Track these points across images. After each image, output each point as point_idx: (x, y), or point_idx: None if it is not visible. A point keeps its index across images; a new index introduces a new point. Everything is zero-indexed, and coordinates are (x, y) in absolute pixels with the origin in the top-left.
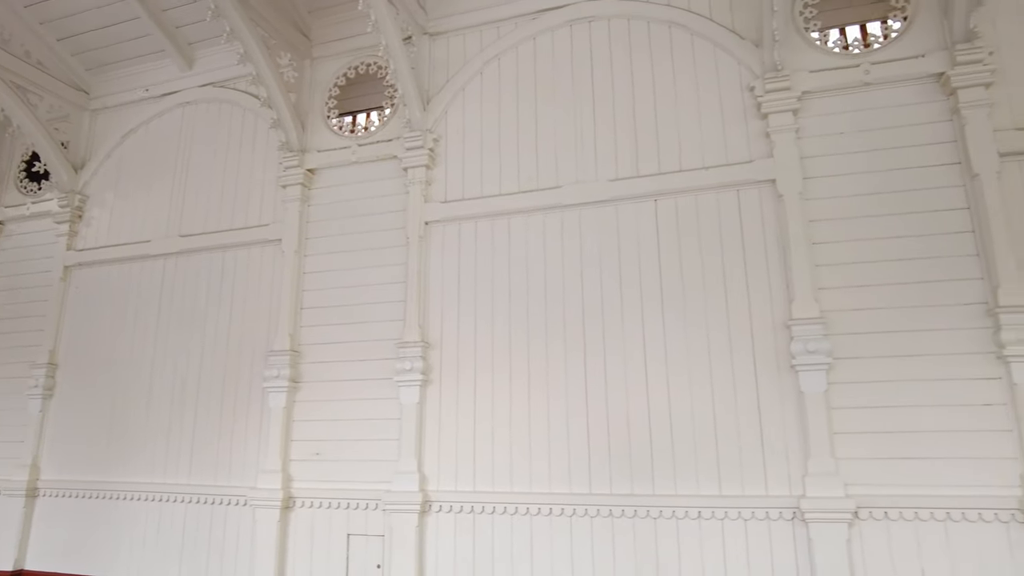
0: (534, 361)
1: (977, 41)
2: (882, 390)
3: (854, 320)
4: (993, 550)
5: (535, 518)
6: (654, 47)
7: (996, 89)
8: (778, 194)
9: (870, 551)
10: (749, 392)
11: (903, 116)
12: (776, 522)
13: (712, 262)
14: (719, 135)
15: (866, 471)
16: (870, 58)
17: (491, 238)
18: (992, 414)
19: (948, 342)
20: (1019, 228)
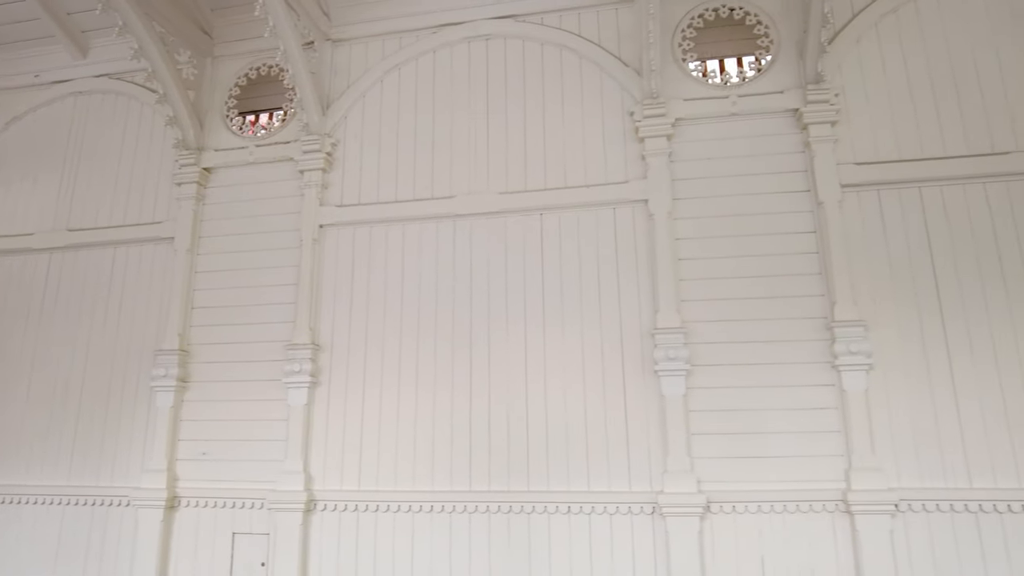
0: (422, 364)
1: (824, 83)
2: (734, 394)
3: (711, 330)
4: (821, 536)
5: (417, 515)
6: (546, 68)
7: (840, 127)
8: (650, 213)
9: (719, 541)
10: (617, 395)
11: (764, 146)
12: (638, 516)
13: (589, 274)
14: (601, 155)
15: (717, 468)
16: (737, 91)
17: (385, 243)
18: (825, 417)
19: (792, 352)
20: (855, 252)
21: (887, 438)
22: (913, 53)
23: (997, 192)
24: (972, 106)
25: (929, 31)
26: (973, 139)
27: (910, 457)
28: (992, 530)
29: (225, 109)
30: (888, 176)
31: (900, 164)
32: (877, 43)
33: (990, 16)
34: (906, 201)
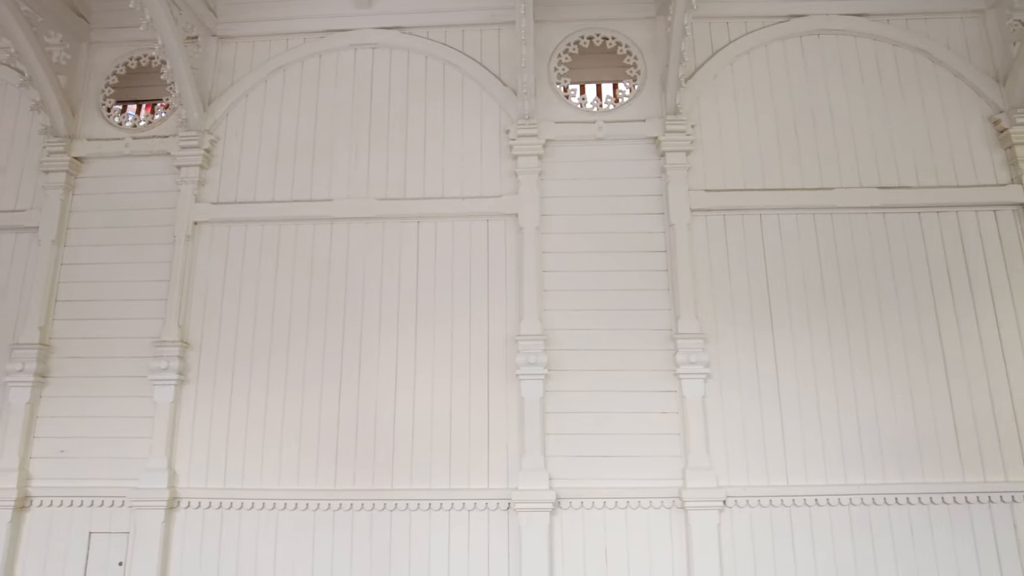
0: (292, 364)
1: (682, 115)
2: (587, 398)
3: (570, 338)
4: (659, 530)
5: (281, 513)
6: (429, 81)
7: (694, 156)
8: (520, 227)
9: (567, 535)
10: (481, 397)
11: (625, 169)
12: (494, 512)
13: (461, 281)
14: (477, 169)
15: (569, 467)
16: (604, 117)
17: (260, 243)
18: (667, 420)
19: (641, 360)
20: (700, 271)
21: (720, 440)
22: (761, 93)
23: (823, 222)
24: (807, 145)
25: (775, 75)
26: (807, 174)
27: (739, 458)
28: (802, 521)
29: (101, 97)
30: (733, 203)
31: (744, 193)
32: (731, 81)
33: (825, 68)
34: (748, 227)
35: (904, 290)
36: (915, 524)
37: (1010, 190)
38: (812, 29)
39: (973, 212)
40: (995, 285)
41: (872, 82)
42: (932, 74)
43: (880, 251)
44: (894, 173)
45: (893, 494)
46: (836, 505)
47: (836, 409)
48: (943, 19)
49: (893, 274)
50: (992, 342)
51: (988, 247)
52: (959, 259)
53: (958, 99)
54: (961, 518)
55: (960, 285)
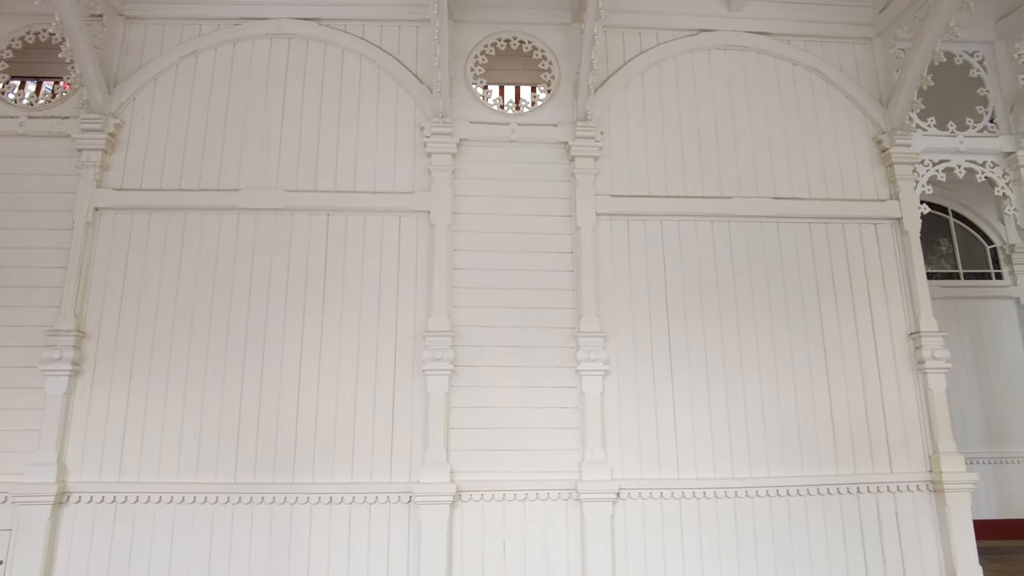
0: (194, 356)
1: (591, 121)
2: (492, 393)
3: (477, 334)
4: (555, 521)
5: (179, 507)
6: (345, 74)
7: (602, 162)
8: (431, 224)
9: (467, 527)
10: (387, 392)
11: (537, 172)
12: (395, 505)
13: (371, 276)
14: (391, 164)
15: (472, 460)
16: (518, 119)
17: (164, 232)
18: (567, 415)
19: (545, 357)
20: (603, 272)
21: (616, 435)
22: (669, 103)
23: (720, 229)
24: (709, 155)
25: (683, 86)
26: (707, 183)
27: (633, 451)
28: (690, 512)
29: None
30: (637, 209)
31: (648, 199)
32: (641, 90)
33: (729, 82)
34: (650, 231)
35: (792, 295)
36: (793, 514)
37: (889, 205)
38: (719, 44)
39: (856, 224)
40: (873, 293)
41: (772, 98)
42: (826, 94)
43: (772, 258)
44: (788, 185)
45: (775, 486)
46: (723, 497)
47: (726, 406)
48: (838, 43)
49: (783, 280)
50: (868, 346)
51: (868, 258)
52: (843, 268)
53: (848, 119)
54: (833, 507)
55: (843, 292)
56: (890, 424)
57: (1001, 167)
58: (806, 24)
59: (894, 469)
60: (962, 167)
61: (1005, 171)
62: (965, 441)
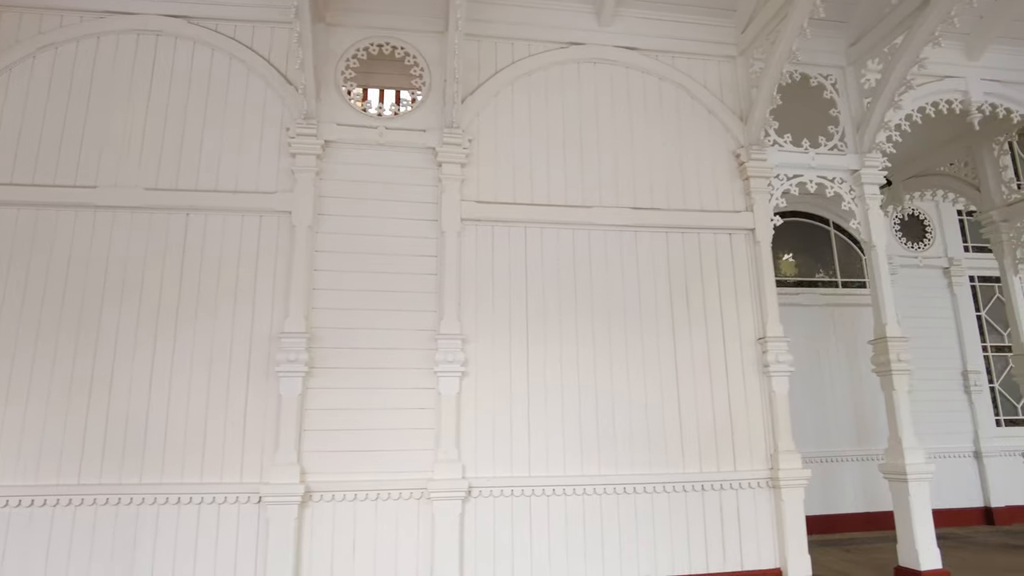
0: (40, 356)
1: (460, 128)
2: (350, 395)
3: (337, 336)
4: (407, 520)
5: (14, 511)
6: (213, 73)
7: (469, 168)
8: (292, 225)
9: (317, 527)
10: (240, 393)
11: (404, 176)
12: (245, 505)
13: (228, 276)
14: (255, 165)
15: (326, 461)
16: (386, 123)
17: (14, 229)
18: (424, 416)
19: (405, 359)
20: (467, 277)
21: (471, 434)
22: (537, 113)
23: (581, 237)
24: (574, 165)
25: (552, 97)
26: (571, 192)
27: (487, 450)
28: (540, 509)
29: None
30: (502, 215)
31: (513, 206)
32: (511, 100)
33: (597, 94)
34: (513, 237)
35: (648, 302)
36: (640, 511)
37: (744, 216)
38: (589, 57)
39: (712, 234)
40: (725, 300)
41: (637, 111)
42: (690, 109)
43: (629, 265)
44: (648, 195)
45: (624, 484)
46: (571, 494)
47: (578, 406)
48: (703, 60)
49: (639, 286)
50: (718, 350)
51: (721, 266)
52: (697, 275)
53: (709, 133)
54: (679, 504)
55: (696, 298)
56: (736, 424)
57: (848, 183)
58: (674, 41)
59: (738, 467)
60: (813, 182)
61: (852, 187)
62: (837, 440)
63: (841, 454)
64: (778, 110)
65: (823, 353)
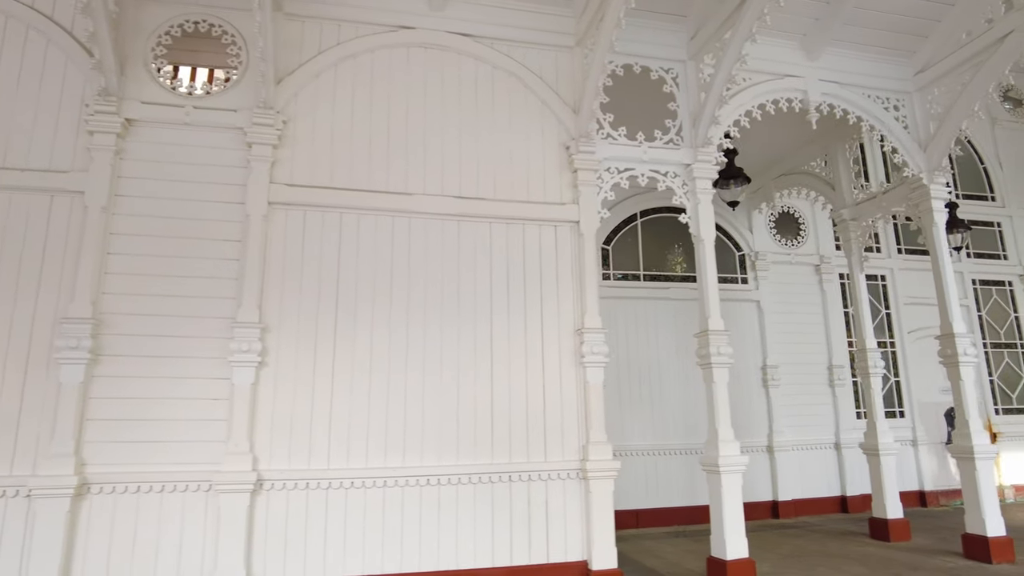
0: None
1: (274, 108)
2: (140, 384)
3: (130, 323)
4: (194, 514)
5: None
6: (6, 44)
7: (283, 151)
8: (85, 206)
9: (95, 521)
10: (17, 382)
11: (213, 157)
12: (13, 500)
13: (11, 259)
14: (49, 141)
15: (109, 452)
16: (195, 102)
17: None
18: (219, 407)
19: (201, 347)
20: (273, 263)
21: (267, 426)
22: (361, 96)
23: (401, 225)
24: (397, 151)
25: (378, 81)
26: (392, 178)
27: (283, 443)
28: (337, 502)
29: None
30: (315, 200)
31: (328, 191)
32: (334, 81)
33: (426, 80)
34: (327, 224)
35: (467, 293)
36: (443, 502)
37: (570, 209)
38: (419, 42)
39: (538, 226)
40: (546, 292)
41: (468, 99)
42: (523, 99)
43: (450, 256)
44: (474, 185)
45: (427, 475)
46: (372, 487)
47: (386, 398)
48: (539, 50)
49: (459, 277)
50: (536, 342)
51: (545, 258)
52: (519, 267)
53: (542, 124)
54: (484, 496)
55: (517, 290)
56: (551, 415)
57: (681, 177)
58: (510, 29)
59: (549, 458)
60: (645, 176)
61: (684, 181)
62: (705, 432)
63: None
64: (622, 103)
65: (691, 347)
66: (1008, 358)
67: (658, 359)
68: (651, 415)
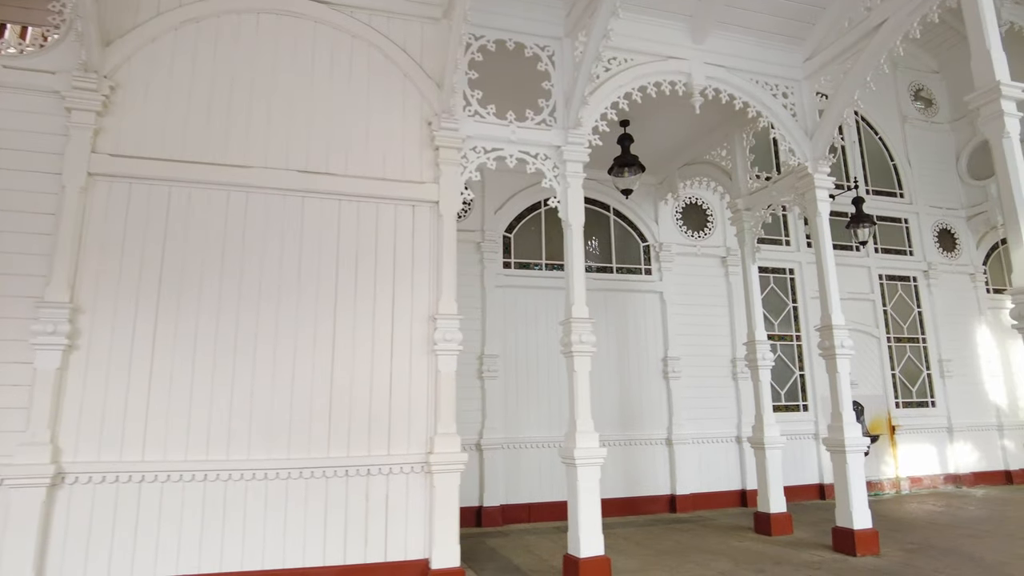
0: None
1: (99, 72)
2: None
3: None
4: None
5: None
6: None
7: (109, 118)
8: None
9: None
10: None
11: (24, 122)
12: None
13: None
14: None
15: None
16: (4, 62)
17: None
18: (19, 393)
19: (1, 329)
20: (91, 238)
21: (75, 415)
22: (203, 63)
23: (237, 200)
24: (240, 122)
25: (222, 47)
26: (231, 151)
27: (93, 433)
28: (151, 497)
29: None
30: (143, 172)
31: (157, 162)
32: (172, 47)
33: (277, 48)
34: (155, 197)
35: (309, 274)
36: (271, 498)
37: (429, 188)
38: (272, 8)
39: (393, 205)
40: (399, 276)
41: (323, 71)
42: (384, 71)
43: (292, 234)
44: (324, 160)
45: (254, 469)
46: (191, 481)
47: (211, 387)
48: (403, 21)
49: (301, 258)
50: (385, 328)
51: (400, 240)
52: (370, 249)
53: (403, 99)
54: (318, 491)
55: (367, 273)
56: (398, 406)
57: (552, 160)
58: None
59: (393, 451)
60: (514, 156)
61: (556, 165)
62: (601, 424)
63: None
64: (496, 81)
65: None
66: (910, 352)
67: (557, 350)
68: (548, 407)
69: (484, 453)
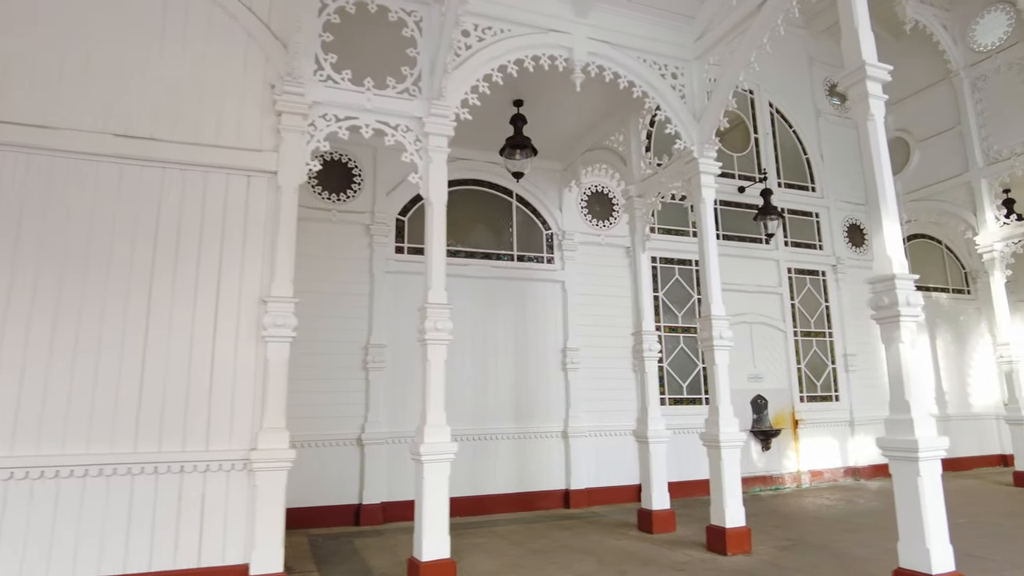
0: None
1: None
2: None
3: None
4: None
5: None
6: None
7: None
8: None
9: None
10: None
11: None
12: None
13: None
14: None
15: None
16: None
17: None
18: None
19: None
20: None
21: None
22: (7, 12)
23: (38, 166)
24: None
25: None
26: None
27: None
28: None
29: None
30: None
31: None
32: None
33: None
34: None
35: (122, 250)
36: (63, 500)
37: (268, 157)
38: None
39: (224, 175)
40: (227, 254)
41: (153, 27)
42: (225, 29)
43: (105, 206)
44: (148, 124)
45: (42, 467)
46: None
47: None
48: None
49: (114, 231)
50: (207, 311)
51: (231, 213)
52: (195, 224)
53: (245, 60)
54: (121, 491)
55: (189, 249)
56: (219, 398)
57: (414, 133)
58: None
59: (212, 446)
60: (370, 127)
61: (418, 138)
62: (496, 416)
63: (498, 432)
64: (359, 46)
65: (489, 327)
66: (816, 347)
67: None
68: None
69: (366, 448)
